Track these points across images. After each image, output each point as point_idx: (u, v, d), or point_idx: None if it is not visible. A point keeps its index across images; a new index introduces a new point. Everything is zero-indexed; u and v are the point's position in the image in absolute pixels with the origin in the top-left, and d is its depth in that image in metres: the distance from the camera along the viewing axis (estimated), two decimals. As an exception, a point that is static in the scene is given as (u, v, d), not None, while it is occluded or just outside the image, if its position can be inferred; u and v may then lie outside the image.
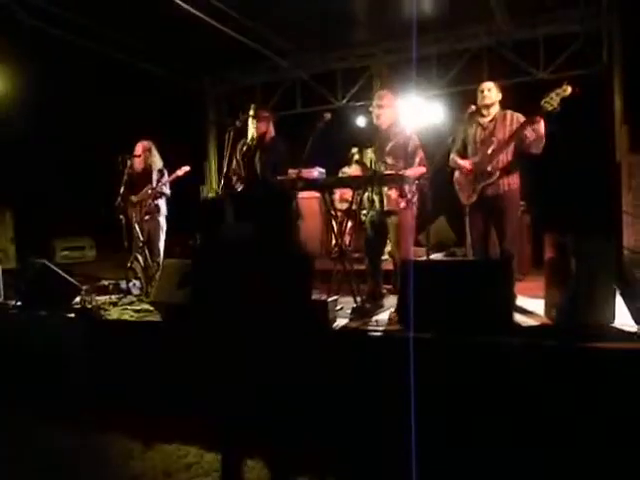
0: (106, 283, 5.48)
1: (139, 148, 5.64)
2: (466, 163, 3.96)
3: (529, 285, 4.62)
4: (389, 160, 4.01)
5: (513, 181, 3.91)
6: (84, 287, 5.44)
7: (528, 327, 3.19)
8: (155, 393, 3.54)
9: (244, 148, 4.55)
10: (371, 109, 4.14)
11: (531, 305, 3.81)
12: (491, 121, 3.92)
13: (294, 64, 7.91)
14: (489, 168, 3.84)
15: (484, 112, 3.94)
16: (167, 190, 5.65)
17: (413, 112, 7.43)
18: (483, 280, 3.10)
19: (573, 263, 3.02)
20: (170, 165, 5.76)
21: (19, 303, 4.70)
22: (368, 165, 4.07)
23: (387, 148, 4.07)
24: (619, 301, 3.52)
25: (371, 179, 3.79)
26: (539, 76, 6.84)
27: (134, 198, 5.46)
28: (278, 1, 6.21)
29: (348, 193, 4.63)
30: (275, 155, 4.45)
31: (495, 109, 3.95)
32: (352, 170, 5.71)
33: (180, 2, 5.84)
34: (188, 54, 7.74)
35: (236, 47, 7.09)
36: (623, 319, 3.20)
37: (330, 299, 3.54)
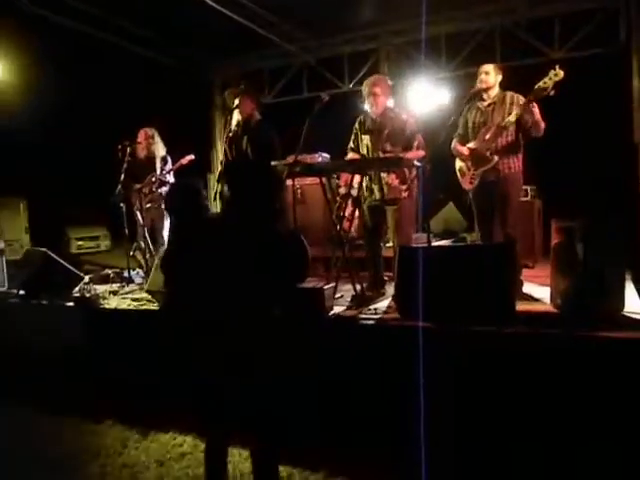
0: (110, 272, 5.45)
1: (141, 135, 5.58)
2: (463, 149, 3.91)
3: (539, 272, 4.49)
4: (388, 147, 3.86)
5: (514, 164, 3.84)
6: (88, 276, 5.46)
7: (530, 315, 3.04)
8: (151, 381, 3.49)
9: (230, 134, 4.47)
10: (363, 100, 4.00)
11: (539, 293, 3.69)
12: (490, 105, 3.86)
13: (301, 49, 7.75)
14: (487, 153, 3.79)
15: (484, 96, 3.88)
16: (171, 178, 5.58)
17: (422, 95, 7.27)
18: (483, 266, 2.97)
19: (580, 248, 2.87)
20: (178, 153, 5.68)
21: (21, 292, 4.70)
22: (365, 153, 3.95)
23: (384, 135, 3.92)
24: (631, 288, 3.37)
25: (370, 163, 3.65)
26: (554, 56, 6.56)
27: (138, 186, 5.41)
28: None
29: (348, 178, 4.49)
30: (262, 138, 4.35)
31: (494, 92, 3.87)
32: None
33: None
34: (194, 40, 7.63)
35: (243, 32, 6.97)
36: (635, 307, 3.05)
37: (327, 287, 3.43)
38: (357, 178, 3.91)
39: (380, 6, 6.86)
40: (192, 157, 5.59)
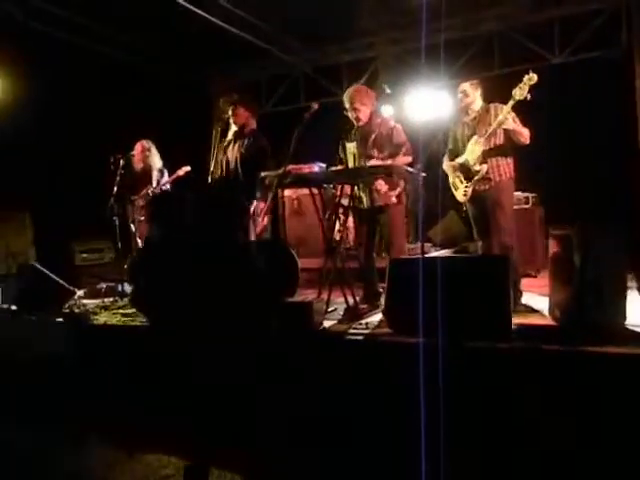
0: (103, 286, 5.38)
1: (138, 147, 5.55)
2: (453, 164, 3.98)
3: (541, 282, 4.35)
4: (374, 153, 3.78)
5: (504, 171, 3.85)
6: (82, 290, 5.40)
7: (526, 328, 2.91)
8: (136, 401, 3.39)
9: (225, 144, 4.44)
10: (345, 112, 3.94)
11: (540, 303, 3.56)
12: (474, 119, 3.94)
13: (298, 58, 7.72)
14: (476, 167, 3.83)
15: (468, 111, 3.99)
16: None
17: (421, 104, 7.18)
18: (477, 278, 2.85)
19: (577, 258, 2.75)
20: (176, 164, 5.63)
21: (13, 307, 4.64)
22: (351, 161, 3.87)
23: (370, 141, 3.85)
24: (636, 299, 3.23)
25: (360, 171, 3.57)
26: (554, 60, 6.48)
27: (133, 198, 5.36)
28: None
29: (347, 188, 4.41)
30: (253, 147, 4.30)
31: (477, 106, 3.97)
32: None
33: (184, 3, 5.73)
34: (191, 51, 7.64)
35: (240, 43, 6.96)
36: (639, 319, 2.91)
37: (317, 300, 3.32)
38: (348, 187, 3.84)
39: (377, 15, 6.83)
40: (188, 168, 5.53)
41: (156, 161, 5.62)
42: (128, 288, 5.18)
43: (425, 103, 7.19)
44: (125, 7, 6.15)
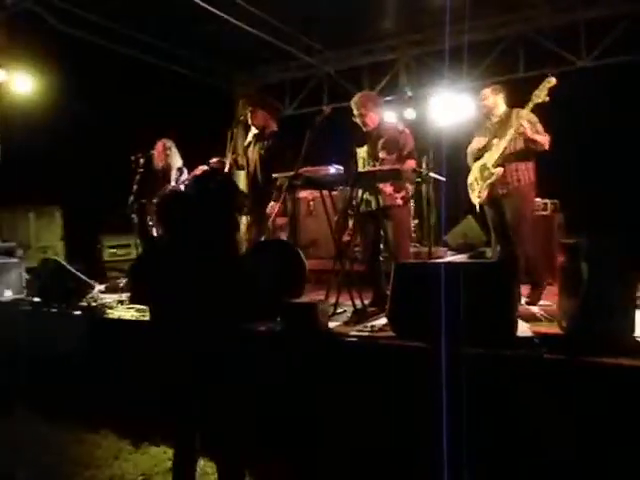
0: (123, 281, 5.51)
1: (159, 146, 5.64)
2: (473, 168, 4.09)
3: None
4: (382, 154, 3.80)
5: (523, 176, 3.87)
6: (104, 285, 5.55)
7: (530, 337, 2.88)
8: (144, 393, 3.48)
9: (246, 144, 4.52)
10: (354, 119, 3.98)
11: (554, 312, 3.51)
12: (496, 123, 4.02)
13: (321, 61, 7.76)
14: (493, 169, 3.90)
15: (490, 116, 4.08)
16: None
17: (443, 106, 7.13)
18: (481, 284, 2.82)
19: (584, 267, 2.70)
20: (198, 164, 5.71)
21: (36, 299, 4.80)
22: (361, 165, 3.92)
23: (379, 144, 3.87)
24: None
25: (368, 175, 3.59)
26: (580, 64, 6.35)
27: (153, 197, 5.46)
28: (304, 2, 6.09)
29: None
30: (272, 150, 4.36)
31: (500, 110, 4.03)
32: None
33: (210, 7, 5.85)
34: (216, 53, 7.77)
35: (263, 45, 7.04)
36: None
37: (323, 302, 3.35)
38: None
39: (400, 17, 6.82)
40: (206, 168, 5.61)
41: (176, 160, 5.70)
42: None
43: (447, 106, 7.15)
44: (150, 10, 6.31)
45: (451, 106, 7.09)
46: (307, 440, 2.92)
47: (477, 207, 4.09)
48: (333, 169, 5.46)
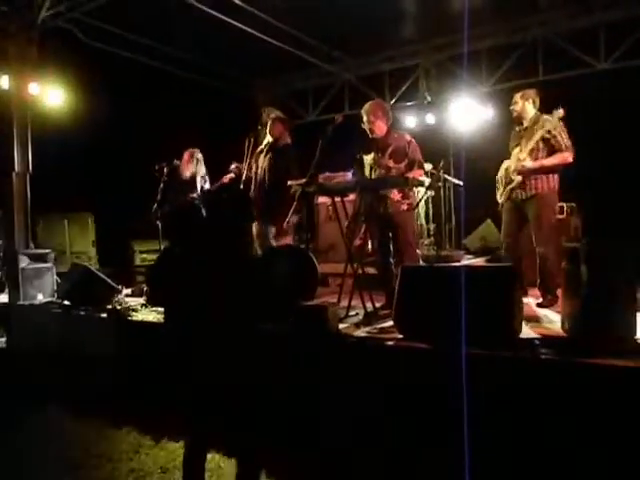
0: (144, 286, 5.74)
1: (186, 156, 5.83)
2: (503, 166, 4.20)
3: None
4: (390, 163, 3.90)
5: (544, 184, 3.95)
6: (130, 288, 5.78)
7: (538, 339, 2.93)
8: (164, 390, 3.65)
9: (258, 151, 4.68)
10: (363, 125, 4.06)
11: (557, 316, 3.54)
12: (525, 129, 4.08)
13: (342, 68, 7.89)
14: (514, 173, 4.01)
15: (521, 121, 4.13)
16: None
17: (464, 111, 7.17)
18: (483, 287, 2.89)
19: (584, 270, 2.75)
20: (224, 172, 5.88)
21: (65, 302, 5.07)
22: (367, 172, 4.01)
23: (387, 153, 3.96)
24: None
25: (378, 182, 3.69)
26: (600, 67, 6.30)
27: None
28: (324, 11, 6.24)
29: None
30: (283, 160, 4.52)
31: (529, 115, 4.07)
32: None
33: (232, 21, 6.06)
34: (239, 63, 7.98)
35: (286, 54, 7.22)
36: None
37: (334, 304, 3.47)
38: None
39: (420, 23, 6.88)
40: (232, 176, 5.76)
41: (201, 169, 5.89)
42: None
43: (467, 111, 7.18)
44: (174, 24, 6.56)
45: (470, 111, 7.12)
46: (310, 438, 3.03)
47: (500, 206, 4.21)
48: (351, 175, 5.62)
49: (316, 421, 3.08)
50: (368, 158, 4.06)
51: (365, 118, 4.02)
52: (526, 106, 4.07)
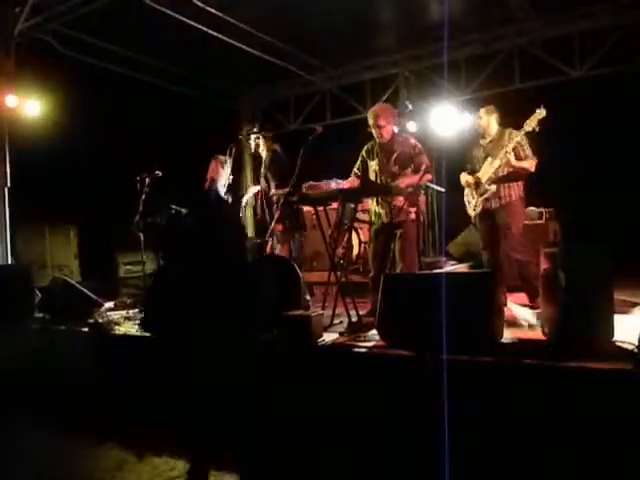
0: (128, 299, 5.69)
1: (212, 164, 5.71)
2: (470, 177, 4.33)
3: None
4: (395, 169, 3.92)
5: (514, 192, 4.13)
6: (113, 302, 5.72)
7: (518, 343, 2.97)
8: (148, 405, 3.62)
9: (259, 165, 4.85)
10: (369, 129, 4.06)
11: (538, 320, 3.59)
12: (490, 142, 4.24)
13: (323, 78, 7.95)
14: (486, 185, 4.16)
15: (485, 134, 4.30)
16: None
17: (443, 119, 7.26)
18: (463, 293, 2.93)
19: (561, 275, 2.79)
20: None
21: (46, 317, 4.98)
22: (372, 178, 4.02)
23: (392, 159, 3.98)
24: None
25: (361, 191, 3.71)
26: (575, 75, 6.43)
27: None
28: (304, 22, 6.29)
29: (367, 204, 4.55)
30: (274, 166, 4.77)
31: (493, 130, 4.26)
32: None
33: (213, 32, 6.08)
34: (220, 73, 8.00)
35: (269, 65, 7.26)
36: (630, 335, 2.91)
37: (318, 313, 3.47)
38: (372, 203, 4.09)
39: (399, 33, 6.98)
40: (258, 188, 5.66)
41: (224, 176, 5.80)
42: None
43: (447, 118, 7.27)
44: (155, 35, 6.55)
45: (450, 118, 7.22)
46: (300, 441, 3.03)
47: (473, 219, 4.37)
48: (334, 183, 5.64)
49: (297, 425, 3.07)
50: (373, 164, 4.06)
51: (373, 122, 3.98)
52: (491, 121, 4.26)
